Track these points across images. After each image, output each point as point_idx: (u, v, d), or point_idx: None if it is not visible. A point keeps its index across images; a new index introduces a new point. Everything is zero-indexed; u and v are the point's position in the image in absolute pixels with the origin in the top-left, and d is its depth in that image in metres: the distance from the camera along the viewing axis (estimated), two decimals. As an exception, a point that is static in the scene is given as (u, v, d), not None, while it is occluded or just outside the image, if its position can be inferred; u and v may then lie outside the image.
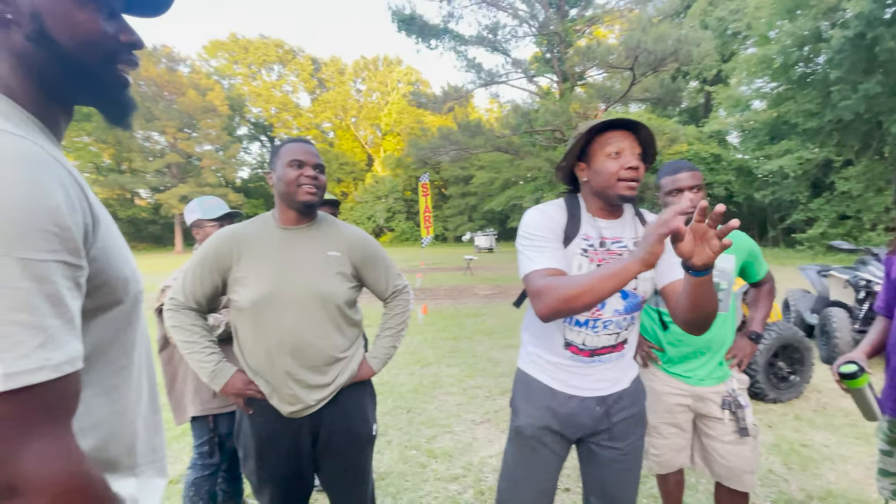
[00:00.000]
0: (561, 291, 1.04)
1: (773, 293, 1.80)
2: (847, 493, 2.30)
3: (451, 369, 4.57)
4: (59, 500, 0.47)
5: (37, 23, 0.54)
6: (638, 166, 1.16)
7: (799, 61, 15.89)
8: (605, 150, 1.17)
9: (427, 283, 12.21)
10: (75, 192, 0.52)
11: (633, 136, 1.19)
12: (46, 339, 0.46)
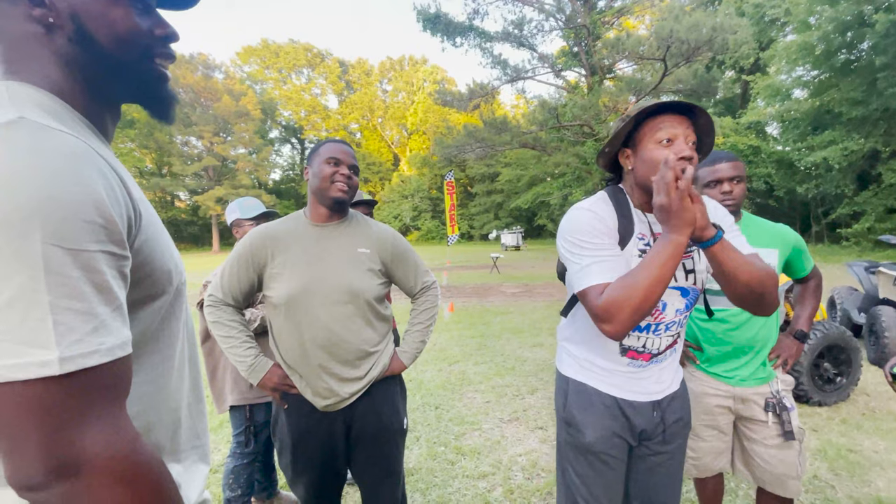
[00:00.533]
0: (630, 303, 0.93)
1: (819, 290, 1.70)
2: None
3: (478, 367, 4.57)
4: (119, 479, 0.49)
5: (76, 23, 0.56)
6: (692, 156, 1.01)
7: (842, 48, 14.95)
8: (656, 137, 1.05)
9: (453, 281, 12.22)
10: (118, 186, 0.54)
11: (689, 123, 1.06)
12: (98, 325, 0.48)
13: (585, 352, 1.22)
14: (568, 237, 1.10)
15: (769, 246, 1.56)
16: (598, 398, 1.19)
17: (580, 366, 1.23)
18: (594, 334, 1.16)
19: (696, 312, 1.63)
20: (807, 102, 16.88)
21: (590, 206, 1.12)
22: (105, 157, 0.55)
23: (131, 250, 0.55)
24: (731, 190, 1.54)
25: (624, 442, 1.20)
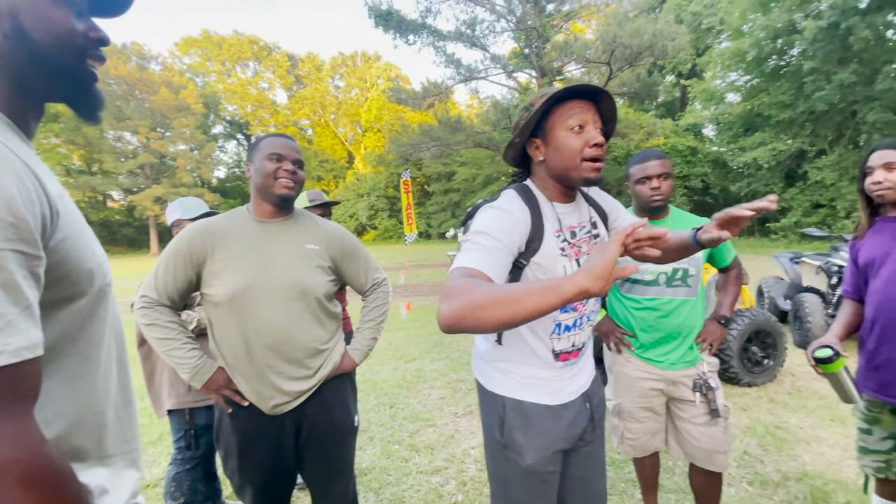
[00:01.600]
0: (473, 296, 0.77)
1: (740, 278, 1.83)
2: (823, 473, 2.36)
3: (434, 364, 4.56)
4: (20, 482, 0.48)
5: (14, 21, 0.57)
6: (603, 143, 1.02)
7: (772, 54, 16.25)
8: (567, 124, 1.02)
9: (411, 279, 12.18)
10: (32, 183, 0.53)
11: (595, 108, 1.05)
12: (4, 325, 0.47)
13: (523, 367, 1.14)
14: (473, 227, 1.00)
15: None
16: (538, 414, 1.12)
17: (517, 382, 1.14)
18: (529, 352, 1.13)
19: (630, 302, 1.71)
20: (739, 106, 18.23)
21: (506, 205, 1.04)
22: (19, 155, 0.54)
23: (46, 249, 0.54)
24: (659, 186, 1.62)
25: (561, 452, 1.17)
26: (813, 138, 15.85)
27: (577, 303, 1.12)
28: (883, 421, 1.53)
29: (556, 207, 1.12)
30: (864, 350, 1.53)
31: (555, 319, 1.12)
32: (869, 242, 1.53)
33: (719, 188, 19.64)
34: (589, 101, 1.05)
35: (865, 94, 13.78)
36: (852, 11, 13.18)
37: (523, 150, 1.13)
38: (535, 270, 1.06)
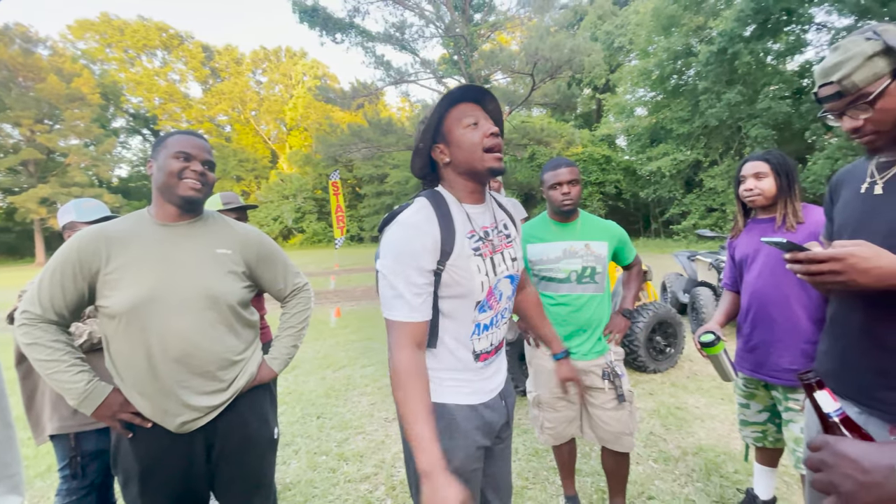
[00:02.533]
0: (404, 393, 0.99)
1: (641, 274, 2.01)
2: (715, 446, 2.65)
3: (364, 370, 4.47)
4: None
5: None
6: (498, 133, 1.12)
7: (673, 73, 18.18)
8: (462, 122, 1.10)
9: (341, 284, 11.83)
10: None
11: (483, 110, 1.15)
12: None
13: (446, 371, 1.15)
14: (388, 251, 1.06)
15: (601, 239, 1.81)
16: (461, 415, 1.14)
17: (440, 385, 1.14)
18: (453, 357, 1.14)
19: (546, 299, 1.82)
20: (646, 119, 20.12)
21: (411, 219, 1.07)
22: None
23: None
24: (569, 191, 1.75)
25: (483, 450, 1.19)
26: (707, 150, 17.91)
27: (492, 300, 1.16)
28: (758, 396, 1.77)
29: (467, 209, 1.16)
30: (740, 334, 1.76)
31: (474, 320, 1.14)
32: (743, 241, 1.77)
33: (630, 193, 21.50)
34: (477, 104, 1.15)
35: (749, 112, 15.88)
36: (738, 38, 15.17)
37: (430, 159, 1.18)
38: (451, 273, 1.08)
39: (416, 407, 0.99)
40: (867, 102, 0.94)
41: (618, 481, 1.92)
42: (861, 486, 0.52)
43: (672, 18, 17.26)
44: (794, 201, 1.62)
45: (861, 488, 0.52)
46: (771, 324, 1.62)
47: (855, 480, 0.53)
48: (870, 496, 0.52)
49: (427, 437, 0.96)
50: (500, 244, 1.19)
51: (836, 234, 1.10)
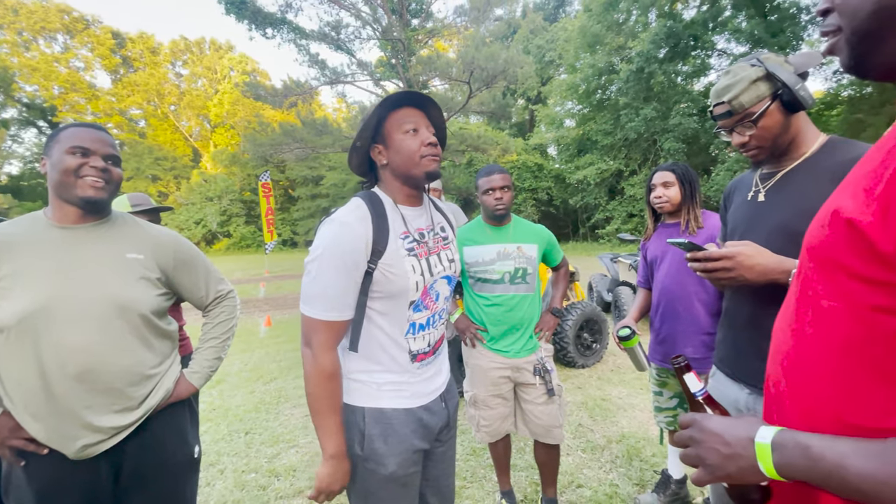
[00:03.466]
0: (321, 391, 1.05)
1: (567, 275, 2.15)
2: (636, 433, 2.86)
3: (298, 381, 4.28)
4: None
5: None
6: (437, 143, 1.14)
7: (597, 89, 19.54)
8: (402, 128, 1.11)
9: (272, 292, 11.24)
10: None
11: (425, 115, 1.16)
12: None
13: (381, 374, 1.14)
14: (316, 251, 1.06)
15: (531, 242, 1.90)
16: (397, 419, 1.13)
17: (376, 390, 1.13)
18: (386, 357, 1.14)
19: (481, 300, 1.87)
20: (574, 130, 21.40)
21: (345, 218, 1.07)
22: None
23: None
24: (501, 197, 1.82)
25: (421, 453, 1.19)
26: (627, 160, 19.40)
27: (427, 300, 1.17)
28: (669, 384, 1.95)
29: (402, 210, 1.17)
30: (652, 328, 1.93)
31: (409, 319, 1.14)
32: (654, 243, 1.95)
33: (560, 200, 22.70)
34: (420, 109, 1.16)
35: (662, 127, 17.45)
36: (653, 59, 16.69)
37: (369, 158, 1.19)
38: (383, 272, 1.08)
39: (331, 404, 1.06)
40: (752, 121, 1.09)
41: (549, 473, 2.01)
42: (724, 457, 0.56)
43: (596, 37, 18.59)
44: (695, 208, 1.82)
45: (724, 460, 0.56)
46: (676, 318, 1.79)
47: (718, 453, 0.57)
48: (732, 466, 0.55)
49: (335, 427, 1.06)
50: (437, 246, 1.21)
51: (729, 237, 1.25)
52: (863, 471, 0.43)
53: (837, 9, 0.54)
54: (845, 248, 0.49)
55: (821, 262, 0.54)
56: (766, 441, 0.52)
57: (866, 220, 0.46)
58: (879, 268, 0.45)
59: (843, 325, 0.51)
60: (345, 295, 1.05)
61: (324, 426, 1.05)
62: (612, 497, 2.20)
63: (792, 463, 0.50)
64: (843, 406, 0.52)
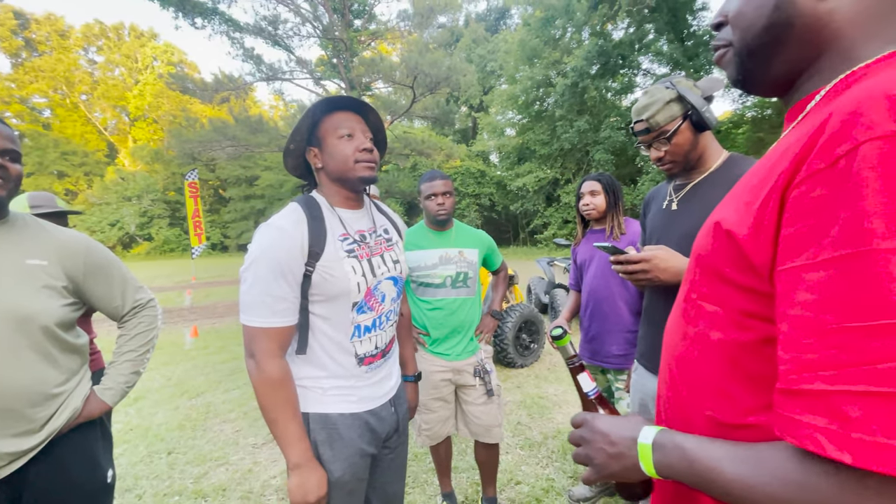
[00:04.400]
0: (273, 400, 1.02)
1: (506, 279, 2.23)
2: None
3: (228, 395, 4.02)
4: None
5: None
6: (372, 149, 1.13)
7: (536, 100, 20.41)
8: (337, 132, 1.10)
9: (200, 300, 10.48)
10: None
11: (364, 120, 1.15)
12: None
13: (326, 380, 1.13)
14: (251, 257, 1.03)
15: (472, 247, 1.95)
16: (344, 423, 1.12)
17: (321, 395, 1.12)
18: (331, 362, 1.12)
19: (424, 304, 1.88)
20: (514, 139, 22.17)
21: (280, 223, 1.06)
22: None
23: None
24: (443, 202, 1.85)
25: (369, 457, 1.18)
26: (563, 169, 20.43)
27: (372, 302, 1.16)
28: (598, 380, 2.08)
29: (341, 213, 1.16)
30: (582, 327, 2.05)
31: (353, 322, 1.13)
32: (582, 248, 2.07)
33: (502, 206, 23.41)
34: (358, 113, 1.15)
35: (594, 139, 18.58)
36: (586, 75, 17.76)
37: (305, 160, 1.18)
38: (322, 274, 1.07)
39: (286, 411, 1.03)
40: (666, 138, 1.20)
41: (489, 471, 2.06)
42: (609, 457, 0.57)
43: (534, 51, 19.45)
44: (619, 215, 1.96)
45: (610, 459, 0.57)
46: (603, 317, 1.92)
47: (605, 452, 0.57)
48: (617, 465, 0.56)
49: (295, 434, 1.03)
50: (379, 248, 1.21)
51: (647, 241, 1.37)
52: (733, 475, 0.44)
53: (731, 22, 0.55)
54: (724, 257, 0.51)
55: (704, 269, 0.56)
56: (648, 441, 0.53)
57: (742, 233, 0.47)
58: (752, 277, 0.47)
59: (720, 328, 0.53)
60: (284, 300, 1.03)
61: (282, 435, 1.02)
62: (548, 491, 2.29)
63: (670, 464, 0.50)
64: (715, 404, 0.53)
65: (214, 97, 13.32)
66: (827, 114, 0.42)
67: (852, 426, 0.35)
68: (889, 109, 0.36)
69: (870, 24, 0.47)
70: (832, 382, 0.37)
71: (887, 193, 0.35)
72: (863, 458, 0.35)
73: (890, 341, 0.34)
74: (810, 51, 0.50)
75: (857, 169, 0.36)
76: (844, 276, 0.37)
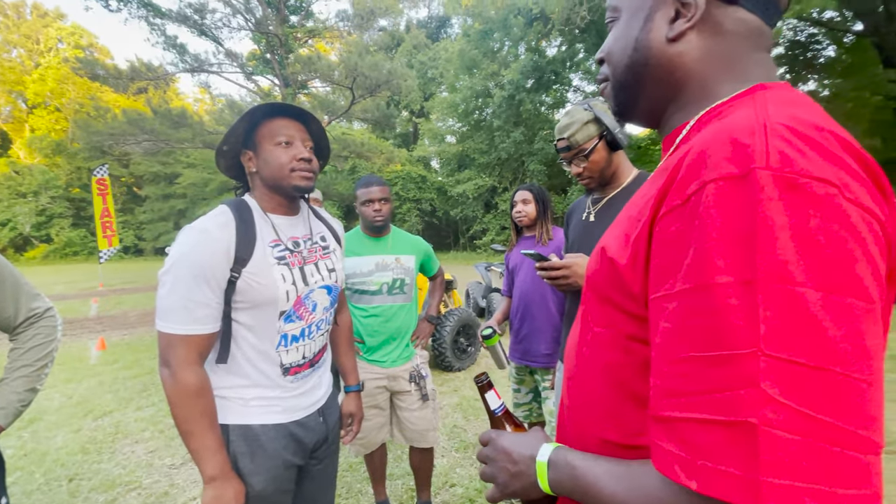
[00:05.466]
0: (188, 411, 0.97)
1: (443, 284, 2.27)
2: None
3: (141, 413, 3.68)
4: None
5: None
6: (311, 158, 1.11)
7: (475, 109, 20.92)
8: (275, 139, 1.08)
9: (109, 309, 9.48)
10: None
11: (304, 128, 1.13)
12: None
13: (249, 390, 1.09)
14: (171, 260, 0.98)
15: (409, 253, 1.97)
16: (267, 435, 1.08)
17: (243, 406, 1.08)
18: (255, 371, 1.09)
19: (359, 311, 1.87)
20: (455, 147, 22.53)
21: (206, 225, 1.02)
22: None
23: None
24: (380, 209, 1.85)
25: (295, 468, 1.15)
26: (500, 178, 21.09)
27: (301, 311, 1.13)
28: (526, 381, 2.18)
29: (273, 219, 1.13)
30: (512, 329, 2.14)
31: (279, 331, 1.10)
32: (514, 254, 2.18)
33: (443, 211, 23.66)
34: (298, 121, 1.13)
35: (529, 150, 19.39)
36: (522, 88, 18.51)
37: (240, 162, 1.15)
38: (248, 280, 1.04)
39: (202, 422, 0.98)
40: (584, 155, 1.31)
41: (424, 476, 2.07)
42: (511, 475, 0.56)
43: (474, 62, 19.97)
44: (547, 223, 2.09)
45: (511, 478, 0.56)
46: (532, 319, 2.03)
47: (507, 471, 0.57)
48: (518, 484, 0.56)
49: (212, 446, 0.99)
50: (314, 255, 1.18)
51: (569, 250, 1.48)
52: (610, 492, 0.45)
53: (606, 60, 0.60)
54: (609, 282, 0.52)
55: (594, 291, 0.57)
56: (545, 459, 0.54)
57: (622, 262, 0.49)
58: (632, 303, 0.49)
59: (607, 349, 0.54)
60: (205, 306, 0.98)
61: (198, 448, 0.97)
62: (481, 492, 2.35)
63: (560, 481, 0.51)
64: (605, 425, 0.54)
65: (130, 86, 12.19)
66: (686, 150, 0.44)
67: (698, 454, 0.36)
68: (732, 152, 0.38)
69: (717, 65, 0.51)
70: (681, 410, 0.38)
71: (725, 230, 0.37)
72: (706, 485, 0.36)
73: (727, 371, 0.35)
74: (669, 87, 0.55)
75: (703, 207, 0.38)
76: (690, 307, 0.38)
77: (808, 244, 0.34)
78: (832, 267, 0.34)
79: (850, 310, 0.34)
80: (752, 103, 0.44)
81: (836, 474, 0.32)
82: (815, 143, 0.37)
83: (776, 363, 0.33)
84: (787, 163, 0.36)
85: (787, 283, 0.34)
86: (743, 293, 0.35)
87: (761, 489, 0.33)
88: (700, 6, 0.50)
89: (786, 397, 0.33)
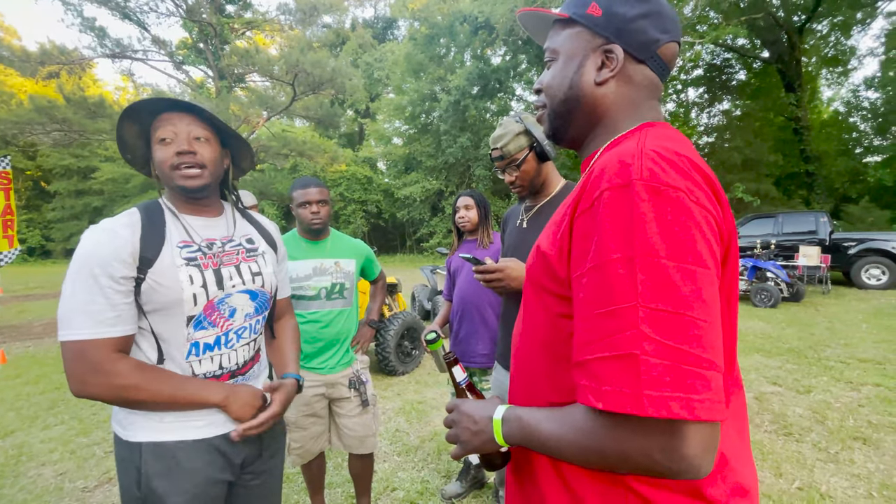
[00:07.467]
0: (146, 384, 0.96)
1: (385, 288, 2.26)
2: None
3: (50, 431, 3.31)
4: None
5: None
6: (194, 151, 1.03)
7: (422, 113, 20.94)
8: (157, 137, 1.03)
9: (10, 318, 8.43)
10: None
11: (195, 119, 1.06)
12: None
13: None
14: (73, 261, 0.94)
15: (349, 257, 1.94)
16: (184, 452, 1.01)
17: (158, 422, 1.01)
18: None
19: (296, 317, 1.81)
20: (402, 149, 22.42)
21: (109, 224, 0.99)
22: None
23: None
24: (318, 211, 1.80)
25: (224, 485, 1.08)
26: (447, 182, 21.30)
27: (214, 317, 1.07)
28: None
29: (187, 219, 1.10)
30: (452, 331, 2.19)
31: (189, 338, 1.03)
32: (456, 258, 2.23)
33: (389, 213, 23.47)
34: (191, 114, 1.06)
35: (475, 155, 19.74)
36: (468, 94, 18.82)
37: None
38: (151, 282, 0.99)
39: (172, 381, 0.99)
40: (516, 165, 1.38)
41: (364, 483, 2.05)
42: (472, 434, 0.68)
43: (420, 65, 20.04)
44: (488, 228, 2.16)
45: (472, 436, 0.68)
46: (471, 320, 2.09)
47: (469, 430, 0.69)
48: (478, 440, 0.68)
49: (199, 383, 1.03)
50: (234, 258, 1.12)
51: (504, 254, 1.55)
52: (548, 431, 0.57)
53: (544, 90, 0.73)
54: (543, 272, 0.65)
55: (531, 282, 0.70)
56: (499, 417, 0.66)
57: (552, 254, 0.62)
58: (560, 286, 0.61)
59: (543, 328, 0.66)
60: (113, 308, 0.93)
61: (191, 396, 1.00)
62: (423, 493, 2.37)
63: (511, 432, 0.63)
64: (546, 389, 0.66)
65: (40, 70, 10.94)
66: (592, 168, 0.59)
67: (603, 382, 0.49)
68: (619, 169, 0.53)
69: (625, 107, 0.68)
70: (590, 353, 0.51)
71: (614, 222, 0.51)
72: (609, 403, 0.49)
73: (617, 320, 0.49)
74: (592, 121, 0.70)
75: (601, 207, 0.53)
76: (594, 279, 0.52)
77: (666, 230, 0.48)
78: (681, 245, 0.48)
79: (694, 273, 0.48)
80: (638, 136, 0.59)
81: (689, 385, 0.45)
82: (672, 164, 0.52)
83: (649, 311, 0.47)
84: (654, 176, 0.51)
85: (654, 256, 0.48)
86: (626, 265, 0.49)
87: (643, 400, 0.46)
88: (620, 60, 0.65)
89: (656, 334, 0.46)
